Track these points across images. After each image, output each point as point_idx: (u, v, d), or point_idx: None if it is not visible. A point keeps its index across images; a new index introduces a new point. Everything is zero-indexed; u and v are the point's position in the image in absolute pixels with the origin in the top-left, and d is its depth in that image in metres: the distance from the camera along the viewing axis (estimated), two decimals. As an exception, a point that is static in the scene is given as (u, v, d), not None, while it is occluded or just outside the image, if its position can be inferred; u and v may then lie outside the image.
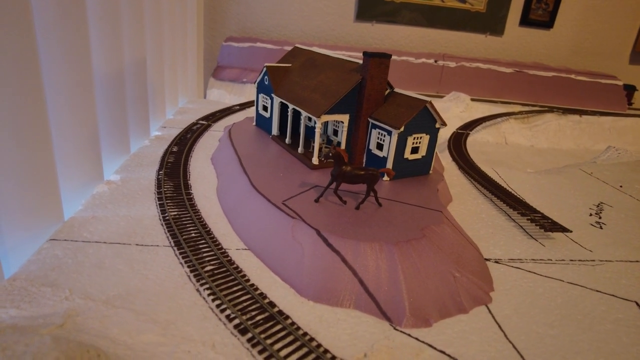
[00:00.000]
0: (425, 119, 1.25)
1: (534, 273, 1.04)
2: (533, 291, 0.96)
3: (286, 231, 0.97)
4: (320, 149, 1.35)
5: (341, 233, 0.93)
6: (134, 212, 1.11)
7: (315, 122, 1.24)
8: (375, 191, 1.08)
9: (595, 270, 1.08)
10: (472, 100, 3.01)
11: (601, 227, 1.33)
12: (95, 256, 0.92)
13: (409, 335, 0.79)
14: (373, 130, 1.29)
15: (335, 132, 1.44)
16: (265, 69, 1.54)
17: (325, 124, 1.47)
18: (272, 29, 3.37)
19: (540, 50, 3.54)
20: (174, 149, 1.55)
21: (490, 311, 0.88)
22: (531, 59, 3.53)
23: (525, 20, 3.42)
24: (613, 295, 0.98)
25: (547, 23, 3.44)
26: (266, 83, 1.56)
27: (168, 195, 1.20)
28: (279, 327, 0.76)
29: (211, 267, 0.91)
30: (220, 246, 0.99)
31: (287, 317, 0.79)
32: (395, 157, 1.25)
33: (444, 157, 1.91)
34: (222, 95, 3.01)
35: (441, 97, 3.07)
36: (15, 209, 0.92)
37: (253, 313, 0.79)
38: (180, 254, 0.95)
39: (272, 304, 0.82)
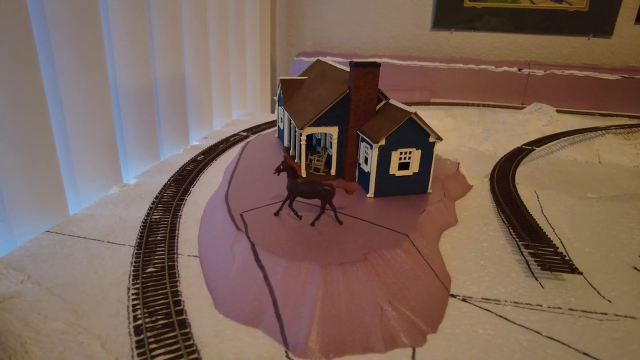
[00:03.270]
0: (413, 132, 1.14)
1: (505, 319, 0.86)
2: (488, 341, 0.80)
3: (228, 242, 0.98)
4: (309, 162, 1.33)
5: (274, 249, 0.90)
6: (126, 213, 1.23)
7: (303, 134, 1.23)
8: (335, 207, 1.02)
9: (600, 327, 0.85)
10: (560, 112, 2.61)
11: (648, 274, 1.04)
12: (69, 249, 1.05)
13: (298, 365, 0.73)
14: (361, 143, 1.22)
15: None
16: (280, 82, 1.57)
17: (324, 137, 1.44)
18: (346, 42, 3.40)
19: (664, 51, 2.90)
20: (199, 158, 1.68)
21: (413, 356, 0.76)
22: (651, 63, 2.91)
23: (645, 17, 2.84)
24: (604, 362, 0.76)
25: (676, 18, 2.80)
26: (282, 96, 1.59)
27: (163, 200, 1.31)
28: (171, 334, 0.77)
29: (152, 269, 0.96)
30: (174, 251, 1.04)
31: (187, 326, 0.80)
32: (379, 172, 1.16)
33: (483, 174, 1.69)
34: (290, 108, 3.13)
35: (522, 109, 2.72)
36: (22, 205, 1.11)
37: (159, 317, 0.82)
38: (136, 254, 1.02)
39: (180, 312, 0.84)
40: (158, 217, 1.20)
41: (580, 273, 0.97)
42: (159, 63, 1.62)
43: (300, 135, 1.25)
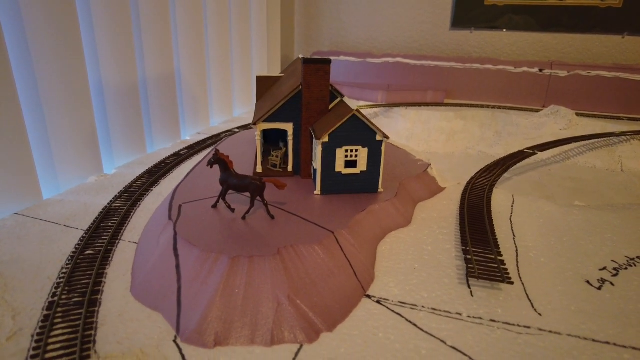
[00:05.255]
0: (358, 130, 1.12)
1: (414, 325, 0.83)
2: (385, 345, 0.77)
3: (159, 230, 1.01)
4: (268, 158, 1.34)
5: (193, 240, 0.92)
6: (92, 200, 1.31)
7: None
8: (266, 202, 1.03)
9: (516, 341, 0.79)
10: (580, 115, 2.43)
11: (599, 288, 0.95)
12: (27, 229, 1.13)
13: (180, 350, 0.74)
14: (314, 140, 1.22)
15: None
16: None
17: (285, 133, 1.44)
18: (363, 42, 3.38)
19: None
20: (182, 152, 1.75)
21: (298, 353, 0.75)
22: (695, 63, 2.63)
23: (688, 12, 2.57)
24: (501, 377, 0.71)
25: None
26: (259, 93, 1.61)
27: (130, 190, 1.38)
28: (78, 311, 0.82)
29: (91, 252, 1.02)
30: (118, 236, 1.10)
31: (96, 305, 0.84)
32: (324, 169, 1.15)
33: (467, 175, 1.61)
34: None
35: (537, 111, 2.56)
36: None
37: (76, 295, 0.87)
38: (82, 237, 1.09)
39: (97, 292, 0.88)
40: (119, 205, 1.27)
41: (511, 283, 0.91)
42: (147, 59, 1.71)
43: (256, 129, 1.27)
